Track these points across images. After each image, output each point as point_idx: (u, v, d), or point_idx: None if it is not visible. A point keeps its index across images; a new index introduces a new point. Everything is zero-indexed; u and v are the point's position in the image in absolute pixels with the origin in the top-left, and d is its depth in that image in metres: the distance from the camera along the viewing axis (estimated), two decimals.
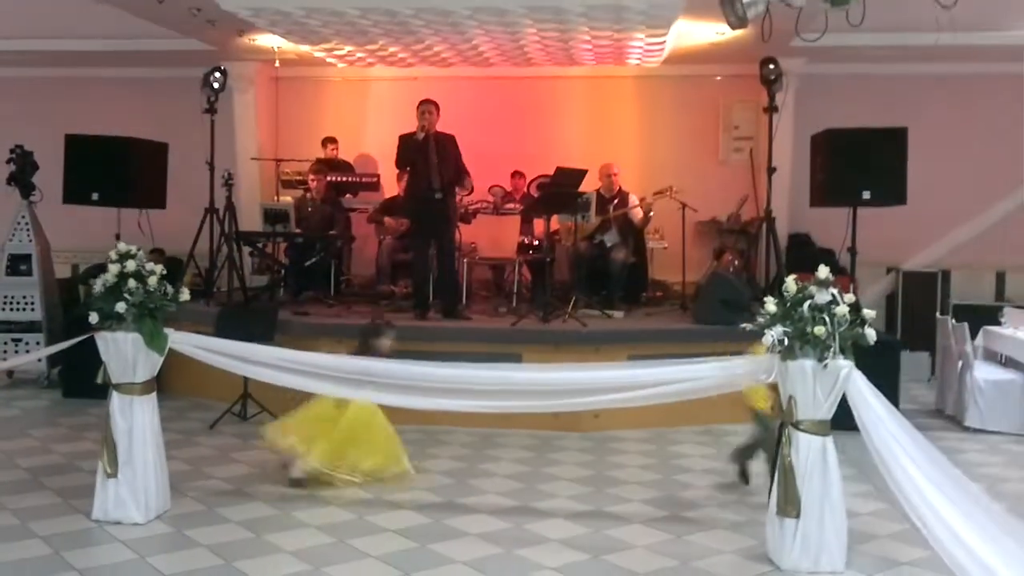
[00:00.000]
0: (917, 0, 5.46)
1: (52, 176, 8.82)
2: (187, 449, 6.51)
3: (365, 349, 5.92)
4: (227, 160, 9.68)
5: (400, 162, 8.26)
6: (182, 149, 9.30)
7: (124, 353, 4.95)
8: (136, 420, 5.00)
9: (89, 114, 10.27)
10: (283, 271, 9.27)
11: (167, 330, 5.08)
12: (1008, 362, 7.71)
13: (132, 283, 4.93)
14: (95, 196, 8.41)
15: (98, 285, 4.98)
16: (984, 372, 7.50)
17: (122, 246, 5.11)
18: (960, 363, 7.65)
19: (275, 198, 10.14)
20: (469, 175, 8.52)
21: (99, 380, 5.06)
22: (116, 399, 5.00)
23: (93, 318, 4.94)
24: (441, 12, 7.36)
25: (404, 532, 4.93)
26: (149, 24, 8.75)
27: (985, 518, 3.25)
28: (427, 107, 8.03)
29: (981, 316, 8.44)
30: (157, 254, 8.54)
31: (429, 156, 7.98)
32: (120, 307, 4.89)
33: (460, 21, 7.61)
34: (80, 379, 7.94)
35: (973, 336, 7.76)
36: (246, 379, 7.29)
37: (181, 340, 5.17)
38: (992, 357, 7.94)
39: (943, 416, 7.87)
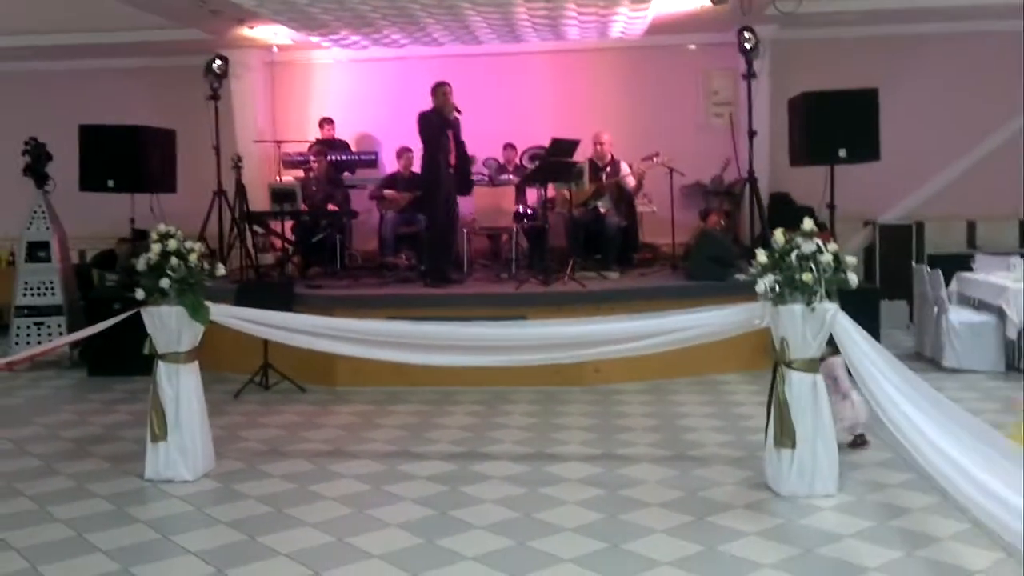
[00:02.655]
0: None
1: (63, 166, 9.15)
2: (217, 418, 6.78)
3: None
4: (229, 144, 10.01)
5: (432, 137, 8.50)
6: (185, 135, 9.63)
7: (169, 325, 5.37)
8: (182, 386, 5.44)
9: (98, 104, 10.51)
10: (291, 248, 9.62)
11: (206, 303, 5.50)
12: (980, 305, 8.21)
13: (174, 260, 5.34)
14: (111, 183, 8.73)
15: (141, 263, 5.39)
16: (959, 316, 8.00)
17: (161, 227, 5.51)
18: (936, 308, 8.15)
19: (277, 179, 10.46)
20: None
21: (146, 351, 5.47)
22: (163, 368, 5.42)
23: (139, 294, 5.36)
24: None
25: (434, 478, 5.38)
26: (148, 15, 9.01)
27: (965, 433, 3.64)
28: (448, 87, 8.42)
29: (954, 264, 8.88)
30: None
31: (449, 133, 8.44)
32: (164, 283, 5.30)
33: (456, 3, 7.93)
34: (104, 358, 8.40)
35: (947, 283, 8.26)
36: (266, 350, 7.72)
37: (219, 312, 5.60)
38: (966, 302, 8.42)
39: (922, 358, 8.34)
